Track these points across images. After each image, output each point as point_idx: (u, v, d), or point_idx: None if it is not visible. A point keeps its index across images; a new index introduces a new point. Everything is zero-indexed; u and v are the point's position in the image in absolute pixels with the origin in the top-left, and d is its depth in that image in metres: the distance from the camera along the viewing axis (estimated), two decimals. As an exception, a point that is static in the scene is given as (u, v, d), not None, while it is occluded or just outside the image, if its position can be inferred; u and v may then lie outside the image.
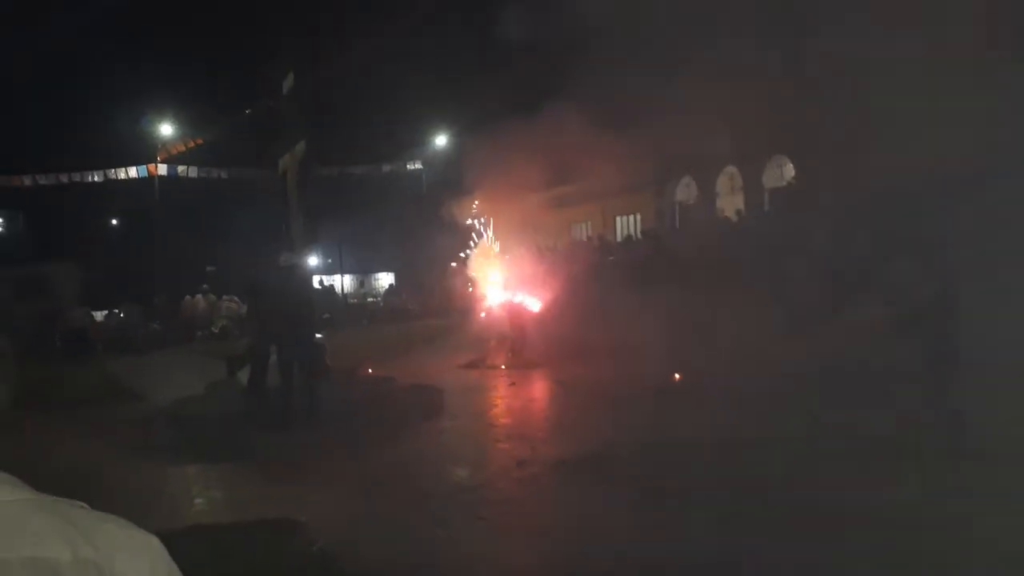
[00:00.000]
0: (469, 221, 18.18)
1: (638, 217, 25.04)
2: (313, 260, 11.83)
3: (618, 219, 26.37)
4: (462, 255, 18.58)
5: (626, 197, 25.22)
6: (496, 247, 17.87)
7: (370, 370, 13.35)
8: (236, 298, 23.30)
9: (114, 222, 39.63)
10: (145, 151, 27.66)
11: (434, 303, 25.26)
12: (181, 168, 27.24)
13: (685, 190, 24.44)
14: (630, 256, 20.33)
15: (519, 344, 14.78)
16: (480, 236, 18.18)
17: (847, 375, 9.05)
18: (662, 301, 14.65)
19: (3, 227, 38.46)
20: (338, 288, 31.74)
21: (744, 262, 15.52)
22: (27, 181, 25.30)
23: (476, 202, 17.56)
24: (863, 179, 15.46)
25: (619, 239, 23.93)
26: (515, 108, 16.67)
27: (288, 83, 10.08)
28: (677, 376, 10.50)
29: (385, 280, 35.29)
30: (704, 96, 15.98)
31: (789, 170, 20.81)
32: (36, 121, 30.75)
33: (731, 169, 22.56)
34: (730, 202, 22.23)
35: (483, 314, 17.01)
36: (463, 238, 18.49)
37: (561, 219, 27.95)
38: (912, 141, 13.68)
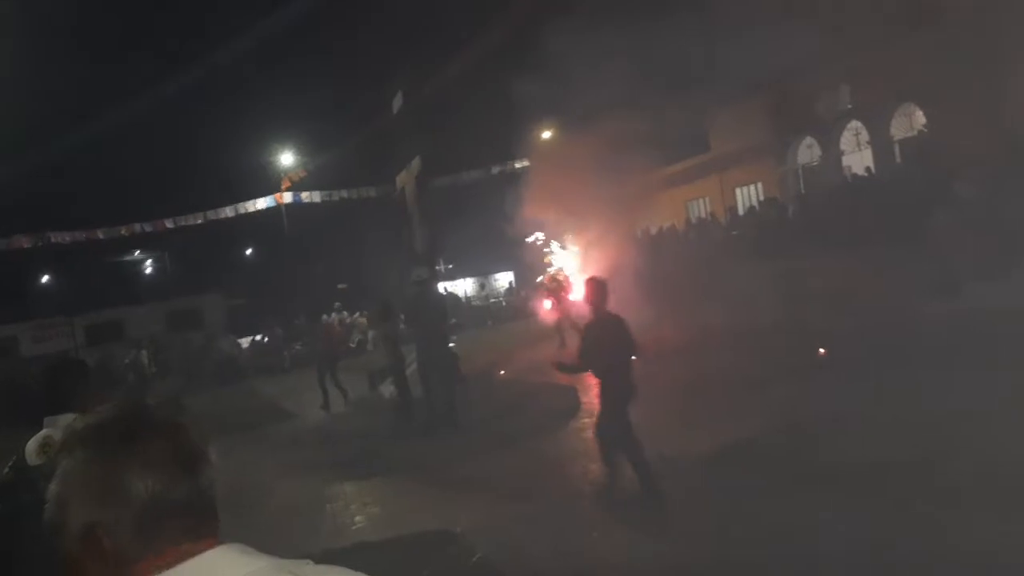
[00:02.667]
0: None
1: (759, 186, 24.02)
2: (438, 269, 12.07)
3: (738, 191, 25.41)
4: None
5: (744, 166, 24.25)
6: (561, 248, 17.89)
7: (502, 372, 13.42)
8: (368, 313, 24.12)
9: (248, 252, 42.01)
10: (270, 182, 29.16)
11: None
12: (305, 194, 28.51)
13: (807, 152, 23.25)
14: (755, 228, 19.56)
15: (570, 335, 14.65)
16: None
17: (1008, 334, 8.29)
18: (796, 271, 13.96)
19: (152, 267, 41.61)
20: (460, 292, 32.31)
21: (882, 221, 14.58)
22: (169, 224, 27.17)
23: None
24: (1005, 119, 14.20)
25: (741, 211, 23.07)
26: (621, 84, 16.21)
27: (397, 101, 10.26)
28: (822, 351, 9.93)
29: (504, 280, 35.57)
30: (819, 48, 15.10)
31: (919, 118, 19.40)
32: (169, 168, 33.11)
33: (855, 124, 21.27)
34: (858, 159, 20.97)
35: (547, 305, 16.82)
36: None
37: (675, 198, 27.26)
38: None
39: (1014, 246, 10.91)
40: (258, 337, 26.52)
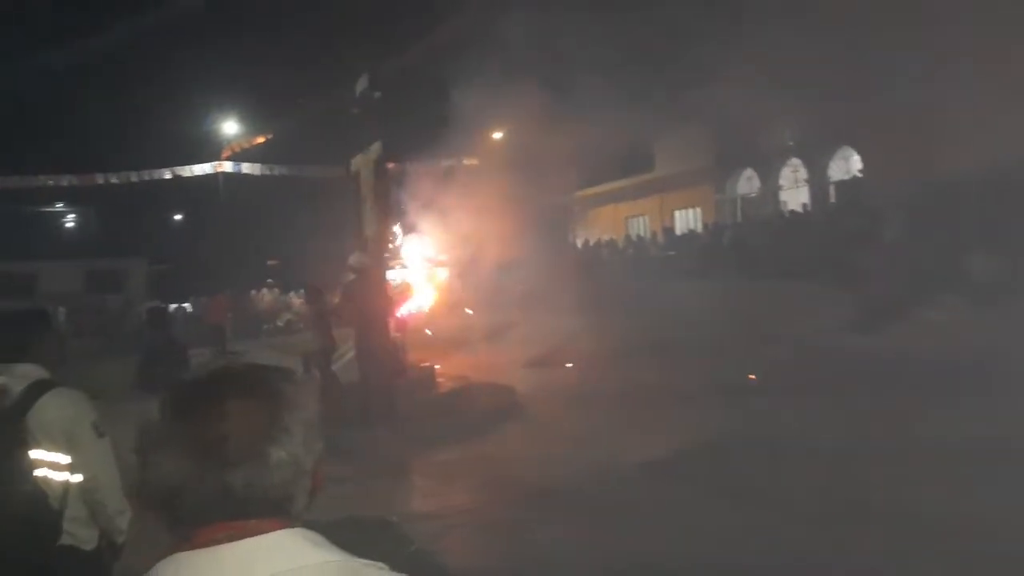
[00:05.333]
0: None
1: (698, 211, 24.75)
2: (392, 257, 11.79)
3: (677, 213, 26.10)
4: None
5: (685, 190, 24.95)
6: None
7: (437, 366, 13.42)
8: (302, 293, 23.74)
9: (177, 217, 40.71)
10: (212, 148, 28.40)
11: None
12: (246, 165, 27.85)
13: (747, 183, 24.07)
14: (691, 250, 20.16)
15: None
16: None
17: (923, 372, 8.85)
18: (729, 297, 14.48)
19: (75, 222, 39.88)
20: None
21: (813, 255, 15.27)
22: (99, 179, 26.14)
23: None
24: (935, 170, 15.08)
25: (679, 232, 23.72)
26: (569, 100, 16.42)
27: (362, 84, 10.21)
28: (751, 376, 10.37)
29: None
30: (767, 86, 15.71)
31: (856, 162, 20.36)
32: (107, 120, 31.73)
33: (795, 162, 22.15)
34: (794, 195, 21.85)
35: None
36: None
37: (616, 213, 27.82)
38: (982, 131, 13.33)
39: (928, 289, 11.63)
40: (183, 304, 25.79)
